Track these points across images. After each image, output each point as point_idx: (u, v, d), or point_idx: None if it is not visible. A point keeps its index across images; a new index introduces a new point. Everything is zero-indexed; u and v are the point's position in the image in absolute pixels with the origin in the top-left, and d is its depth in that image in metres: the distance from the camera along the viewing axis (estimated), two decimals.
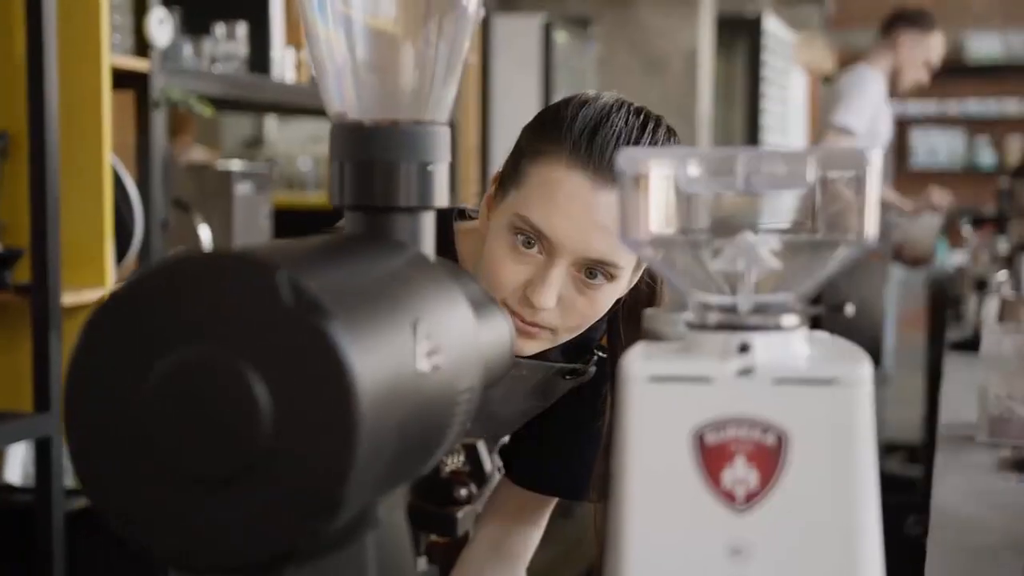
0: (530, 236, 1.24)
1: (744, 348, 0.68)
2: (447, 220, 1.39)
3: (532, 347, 1.29)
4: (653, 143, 1.25)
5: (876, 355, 4.55)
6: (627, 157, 0.69)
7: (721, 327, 0.69)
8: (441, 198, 0.81)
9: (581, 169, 1.21)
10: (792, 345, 0.69)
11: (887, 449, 5.54)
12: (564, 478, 1.48)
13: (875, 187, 0.68)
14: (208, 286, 0.61)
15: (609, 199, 1.20)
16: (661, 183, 0.70)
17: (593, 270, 1.24)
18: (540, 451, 1.48)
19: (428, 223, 0.81)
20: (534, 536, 1.53)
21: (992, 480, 1.67)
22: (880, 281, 4.60)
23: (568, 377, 1.40)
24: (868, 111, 4.38)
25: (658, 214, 0.71)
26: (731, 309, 0.70)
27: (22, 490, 2.52)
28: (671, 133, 1.30)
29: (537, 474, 1.50)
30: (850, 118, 4.36)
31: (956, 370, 2.60)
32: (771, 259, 0.70)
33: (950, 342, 3.10)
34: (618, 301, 1.31)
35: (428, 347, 0.68)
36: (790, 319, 0.70)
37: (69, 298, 2.34)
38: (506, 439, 1.52)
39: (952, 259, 7.88)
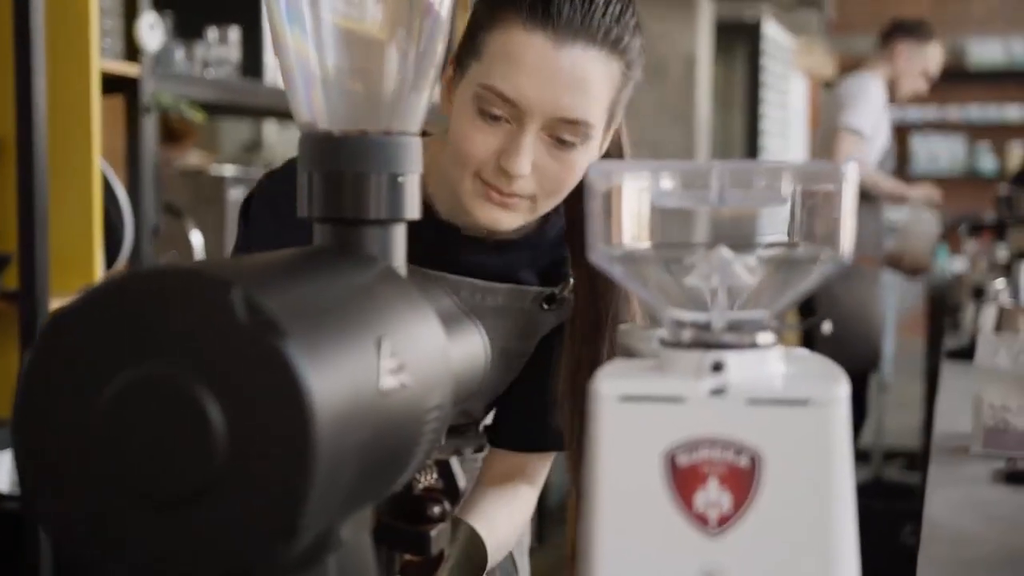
0: (496, 105, 1.22)
1: (718, 367, 0.66)
2: None
3: (512, 219, 1.27)
4: (610, 3, 1.23)
5: (872, 360, 4.53)
6: (597, 170, 0.68)
7: (695, 345, 0.67)
8: (412, 210, 0.80)
9: (540, 30, 1.20)
10: (767, 364, 0.67)
11: (886, 456, 5.52)
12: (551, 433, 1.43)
13: (851, 203, 0.66)
14: (162, 302, 0.59)
15: (572, 56, 1.19)
16: (633, 196, 0.68)
17: (564, 135, 1.22)
18: (523, 408, 1.44)
19: (399, 235, 0.79)
20: (532, 496, 1.47)
21: (986, 492, 1.65)
22: (874, 286, 4.57)
23: (547, 307, 1.37)
24: (873, 116, 4.39)
25: (630, 228, 0.69)
26: (705, 326, 0.68)
27: (10, 497, 2.50)
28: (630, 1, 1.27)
29: (524, 434, 1.45)
30: (859, 120, 4.37)
31: (952, 379, 2.58)
32: (746, 275, 0.68)
33: (947, 350, 3.08)
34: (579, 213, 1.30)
35: (393, 364, 0.66)
36: (765, 336, 0.68)
37: (58, 304, 2.33)
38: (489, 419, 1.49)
39: (952, 265, 7.88)
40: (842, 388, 0.65)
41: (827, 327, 3.84)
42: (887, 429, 5.57)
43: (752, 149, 7.16)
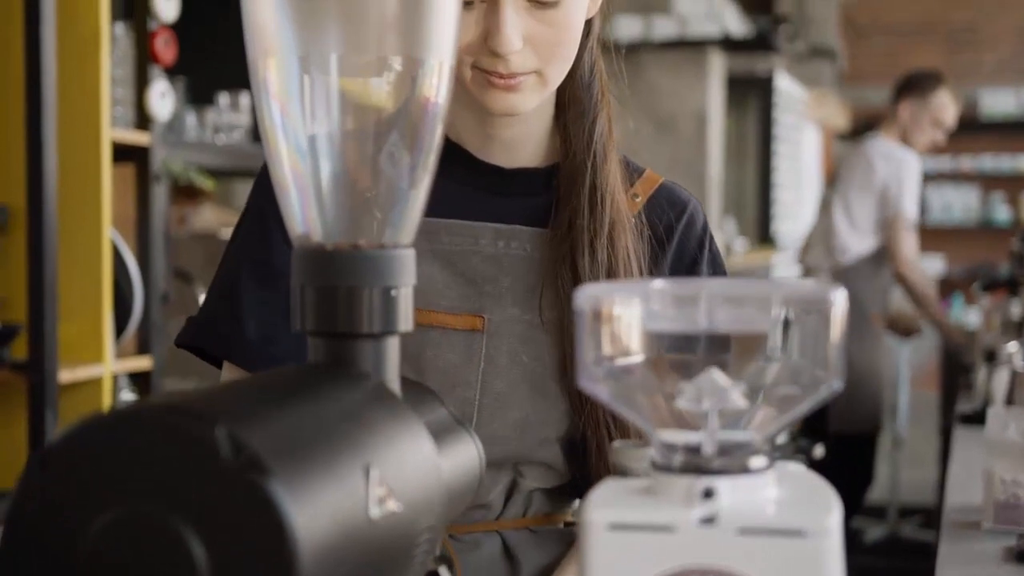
0: None
1: (708, 493, 0.66)
2: None
3: (525, 99, 1.18)
4: None
5: (875, 418, 4.49)
6: (585, 294, 0.67)
7: (685, 470, 0.67)
8: (406, 322, 0.79)
9: None
10: (759, 489, 0.67)
11: (902, 513, 5.47)
12: None
13: (840, 327, 0.65)
14: (146, 440, 0.59)
15: None
16: (621, 319, 0.68)
17: None
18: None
19: (392, 349, 0.79)
20: None
21: (997, 572, 1.63)
22: (883, 344, 4.55)
23: None
24: (918, 195, 4.48)
25: (618, 351, 0.68)
26: (696, 449, 0.68)
27: None
28: None
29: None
30: (914, 207, 4.46)
31: (965, 446, 2.56)
32: (738, 399, 0.67)
33: (960, 413, 3.06)
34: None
35: (382, 492, 0.66)
36: (757, 461, 0.67)
37: (66, 375, 2.33)
38: None
39: (967, 317, 7.84)
40: (835, 516, 0.65)
41: (819, 451, 3.82)
42: (903, 485, 5.53)
43: (764, 203, 7.16)
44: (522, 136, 1.26)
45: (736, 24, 5.37)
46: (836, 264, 4.60)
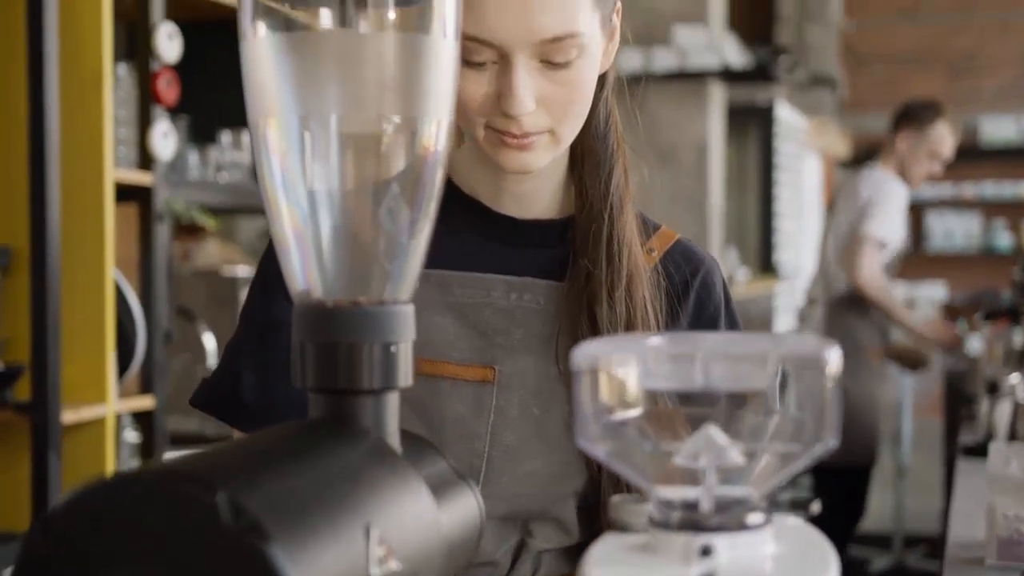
0: (475, 52, 1.12)
1: (706, 551, 0.66)
2: None
3: (538, 158, 1.17)
4: None
5: (871, 451, 4.46)
6: (583, 353, 0.68)
7: (683, 527, 0.67)
8: (406, 377, 0.80)
9: None
10: (757, 546, 0.67)
11: (907, 542, 5.46)
12: None
13: (835, 384, 0.66)
14: (148, 505, 0.59)
15: None
16: (618, 377, 0.69)
17: (555, 57, 1.12)
18: None
19: (392, 404, 0.80)
20: None
21: None
22: (877, 379, 4.51)
23: None
24: (896, 222, 4.45)
25: (616, 408, 0.69)
26: (694, 506, 0.68)
27: None
28: None
29: None
30: (884, 229, 4.40)
31: (968, 480, 2.56)
32: (735, 456, 0.68)
33: (963, 446, 3.06)
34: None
35: (382, 551, 0.66)
36: (755, 517, 0.68)
37: (69, 416, 2.33)
38: None
39: (970, 343, 7.83)
40: (832, 573, 0.65)
41: (816, 507, 3.81)
42: (908, 513, 5.52)
43: (766, 232, 7.17)
44: (536, 189, 1.26)
45: (736, 55, 5.39)
46: (831, 295, 4.61)
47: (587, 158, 1.25)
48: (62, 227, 2.33)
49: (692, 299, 1.27)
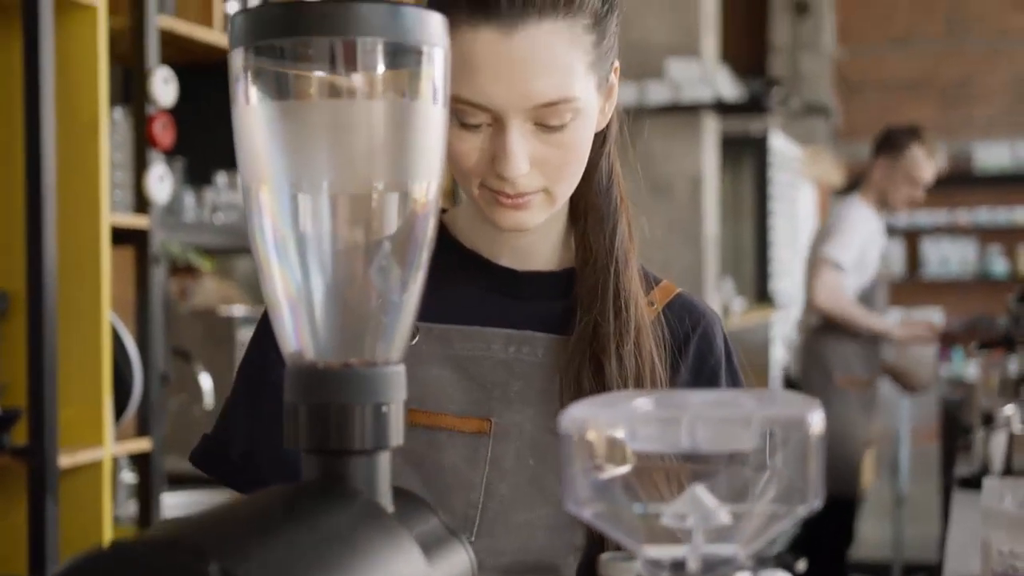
0: (469, 114, 1.13)
1: None
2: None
3: (533, 216, 1.18)
4: None
5: (851, 483, 4.44)
6: (570, 417, 0.69)
7: None
8: (397, 437, 0.81)
9: (485, 23, 1.11)
10: None
11: (906, 571, 5.45)
12: None
13: (816, 448, 0.67)
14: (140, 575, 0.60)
15: (525, 39, 1.11)
16: (606, 441, 0.70)
17: (550, 120, 1.13)
18: None
19: (384, 464, 0.81)
20: None
21: None
22: (858, 408, 4.48)
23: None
24: (856, 247, 4.41)
25: (604, 471, 0.70)
26: (681, 565, 0.69)
27: None
28: None
29: None
30: (840, 252, 4.38)
31: (963, 513, 2.56)
32: (723, 516, 0.69)
33: (958, 477, 3.06)
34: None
35: None
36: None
37: (66, 460, 2.34)
38: None
39: (966, 369, 7.83)
40: None
41: (802, 565, 3.80)
42: (907, 541, 5.51)
43: (761, 261, 7.19)
44: (535, 241, 1.27)
45: (728, 88, 5.42)
46: (807, 325, 4.62)
47: (590, 212, 1.26)
48: (59, 271, 2.34)
49: (692, 352, 1.28)
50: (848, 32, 9.87)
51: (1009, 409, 3.03)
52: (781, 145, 7.47)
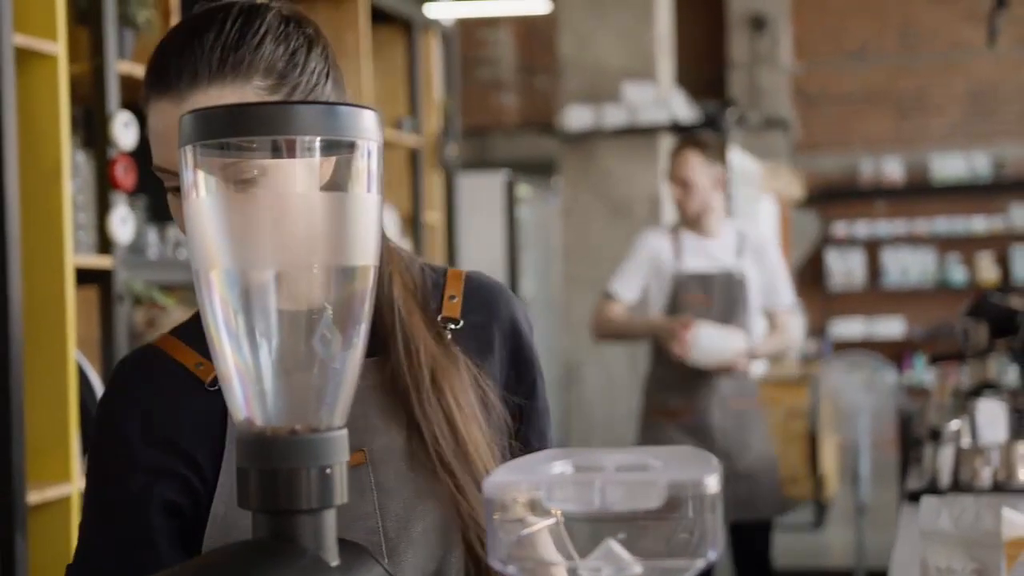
0: (169, 179, 1.19)
1: None
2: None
3: None
4: (218, 33, 1.19)
5: (779, 506, 4.42)
6: (492, 483, 0.76)
7: None
8: (341, 495, 0.88)
9: (164, 95, 1.18)
10: None
11: None
12: None
13: (715, 507, 0.75)
14: None
15: (193, 102, 1.16)
16: (526, 503, 0.77)
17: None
18: None
19: (329, 521, 0.88)
20: None
21: None
22: (763, 426, 4.31)
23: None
24: (632, 272, 4.14)
25: (523, 530, 0.77)
26: None
27: None
28: (251, 20, 1.21)
29: None
30: (616, 284, 4.13)
31: (909, 530, 2.63)
32: (635, 568, 0.76)
33: (908, 491, 3.13)
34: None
35: None
36: None
37: (35, 496, 2.39)
38: None
39: (926, 377, 7.94)
40: None
41: None
42: (869, 550, 5.60)
43: None
44: None
45: (684, 110, 5.52)
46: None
47: None
48: (24, 312, 2.40)
49: (498, 335, 1.34)
50: (805, 47, 10.01)
51: (955, 424, 3.09)
52: (740, 161, 7.58)
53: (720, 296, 4.09)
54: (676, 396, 4.11)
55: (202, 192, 0.86)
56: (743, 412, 4.15)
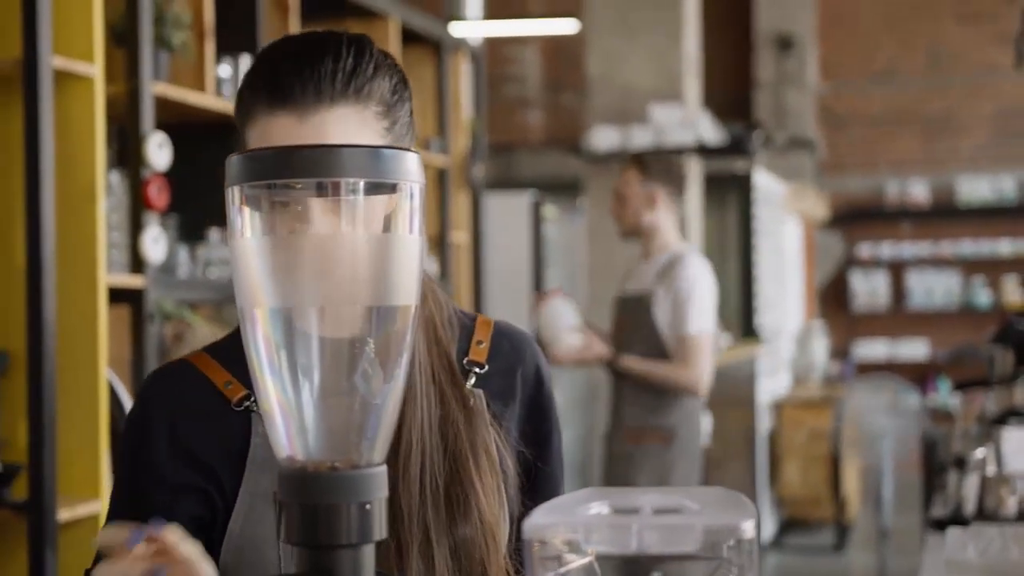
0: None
1: None
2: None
3: None
4: (336, 56, 1.21)
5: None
6: (534, 527, 0.78)
7: None
8: (380, 531, 0.90)
9: (282, 109, 1.19)
10: None
11: None
12: None
13: (751, 551, 0.76)
14: None
15: (317, 122, 1.19)
16: (563, 544, 0.78)
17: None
18: None
19: (368, 556, 0.89)
20: None
21: None
22: (668, 458, 3.99)
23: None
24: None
25: (561, 568, 0.79)
26: None
27: None
28: (362, 51, 1.24)
29: None
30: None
31: (934, 559, 2.63)
32: None
33: (932, 519, 3.12)
34: None
35: None
36: None
37: (65, 513, 2.42)
38: None
39: (951, 401, 7.90)
40: None
41: None
42: (893, 574, 5.59)
43: (747, 297, 7.28)
44: None
45: (711, 132, 5.53)
46: None
47: None
48: (57, 331, 2.43)
49: (521, 381, 1.35)
50: (831, 67, 10.00)
51: (981, 452, 3.08)
52: (765, 182, 7.58)
53: (628, 318, 4.00)
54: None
55: (247, 232, 0.88)
56: (639, 447, 3.91)
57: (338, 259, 0.88)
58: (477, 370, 1.31)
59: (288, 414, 0.89)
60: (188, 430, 1.26)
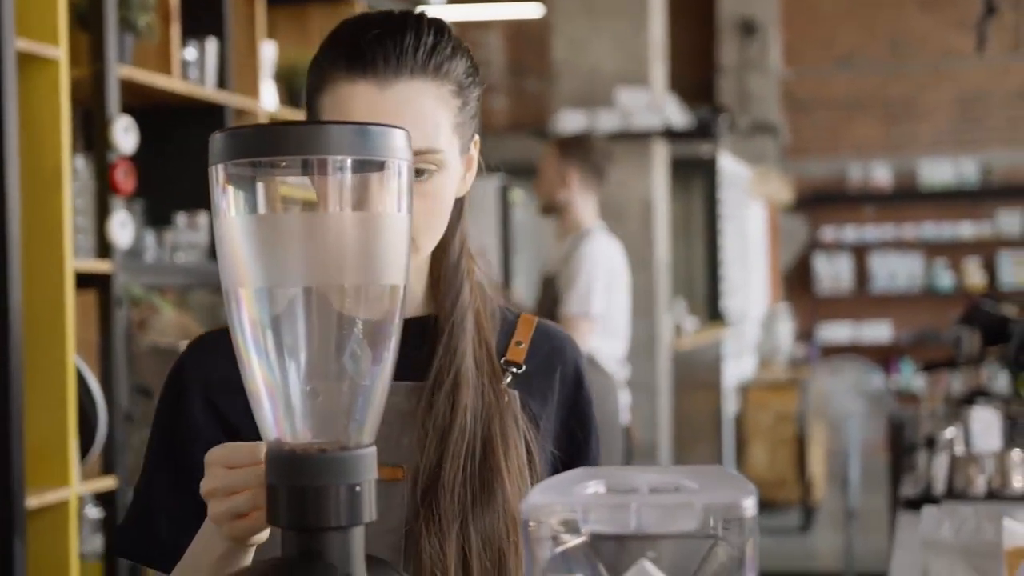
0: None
1: None
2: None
3: None
4: (417, 32, 1.23)
5: None
6: (531, 507, 0.77)
7: None
8: (370, 513, 0.88)
9: (362, 78, 1.21)
10: None
11: None
12: None
13: (752, 529, 0.75)
14: None
15: (397, 93, 1.20)
16: (560, 523, 0.77)
17: (416, 165, 1.17)
18: None
19: (358, 538, 0.88)
20: None
21: None
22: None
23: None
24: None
25: (559, 549, 0.78)
26: None
27: None
28: (441, 31, 1.26)
29: None
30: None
31: (906, 537, 2.64)
32: None
33: (903, 499, 3.14)
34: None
35: None
36: None
37: (33, 500, 2.39)
38: None
39: (915, 382, 7.96)
40: None
41: None
42: (859, 554, 5.62)
43: (712, 280, 7.31)
44: None
45: (677, 115, 5.53)
46: None
47: (442, 282, 1.31)
48: (24, 316, 2.39)
49: (559, 381, 1.35)
50: (794, 53, 10.03)
51: (950, 432, 3.10)
52: (730, 166, 7.60)
53: (544, 298, 4.09)
54: None
55: (231, 211, 0.86)
56: None
57: (324, 236, 0.86)
58: (514, 370, 1.31)
59: (275, 396, 0.88)
60: (218, 397, 1.25)
